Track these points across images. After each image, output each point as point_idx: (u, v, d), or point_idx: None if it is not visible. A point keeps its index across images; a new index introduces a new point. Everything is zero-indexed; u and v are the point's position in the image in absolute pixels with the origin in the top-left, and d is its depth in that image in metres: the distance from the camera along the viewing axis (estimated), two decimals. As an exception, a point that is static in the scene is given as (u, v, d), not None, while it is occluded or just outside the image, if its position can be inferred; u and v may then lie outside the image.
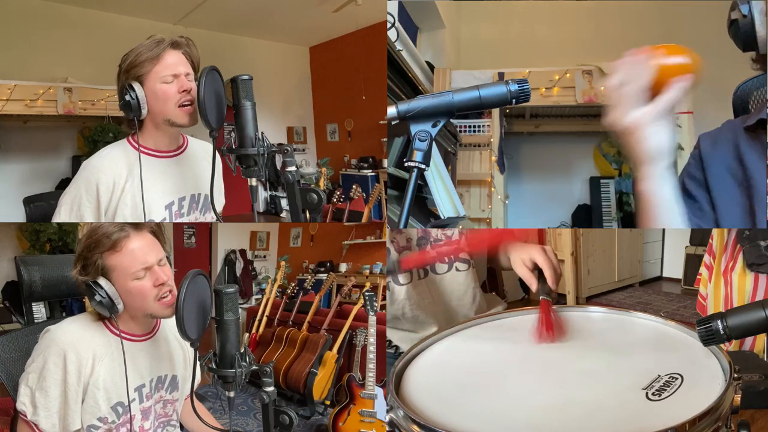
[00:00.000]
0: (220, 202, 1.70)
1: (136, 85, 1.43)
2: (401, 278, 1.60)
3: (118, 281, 1.30)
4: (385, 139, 4.75)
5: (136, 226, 1.34)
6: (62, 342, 1.28)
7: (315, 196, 1.38)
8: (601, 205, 4.29)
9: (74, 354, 1.27)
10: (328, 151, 5.77)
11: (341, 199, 4.09)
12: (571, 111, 4.13)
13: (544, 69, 3.81)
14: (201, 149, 1.64)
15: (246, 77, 1.36)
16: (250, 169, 1.39)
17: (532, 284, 1.43)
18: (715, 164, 1.27)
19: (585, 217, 4.37)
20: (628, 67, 1.07)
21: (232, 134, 1.39)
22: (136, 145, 1.49)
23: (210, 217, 1.61)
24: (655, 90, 1.06)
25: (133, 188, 1.46)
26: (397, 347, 1.65)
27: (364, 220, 3.99)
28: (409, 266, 1.61)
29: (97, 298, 1.29)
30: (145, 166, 1.48)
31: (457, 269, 1.67)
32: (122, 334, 1.34)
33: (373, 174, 4.95)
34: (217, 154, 1.45)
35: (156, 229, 1.37)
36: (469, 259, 1.67)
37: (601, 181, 4.29)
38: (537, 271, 1.44)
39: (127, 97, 1.43)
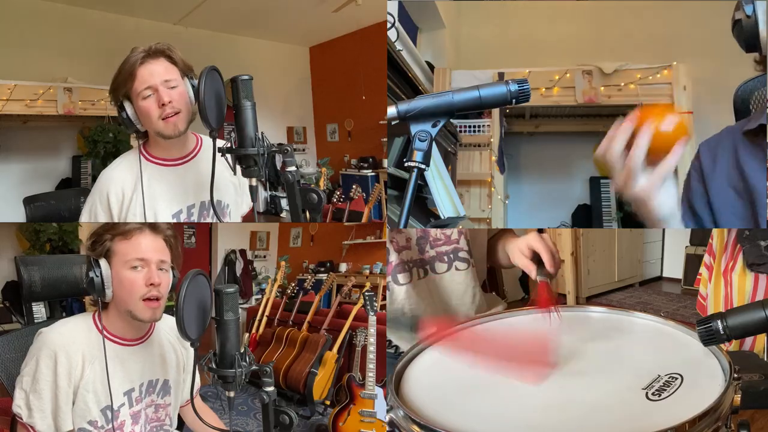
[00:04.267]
0: (246, 206, 1.70)
1: (126, 104, 1.48)
2: (401, 278, 1.60)
3: (115, 267, 1.33)
4: (385, 139, 4.75)
5: (154, 228, 1.38)
6: (53, 344, 1.29)
7: (315, 196, 1.38)
8: (601, 205, 4.28)
9: (65, 356, 1.28)
10: (328, 151, 5.76)
11: (341, 199, 4.09)
12: (571, 111, 4.12)
13: (544, 69, 3.81)
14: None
15: (246, 77, 1.36)
16: (250, 169, 1.39)
17: (531, 272, 1.42)
18: (717, 178, 1.30)
19: (585, 217, 4.36)
20: (626, 134, 1.11)
21: (232, 134, 1.39)
22: (146, 154, 1.55)
23: (225, 220, 1.63)
24: (653, 154, 1.10)
25: (141, 198, 1.51)
26: (397, 347, 1.64)
27: (364, 220, 4.00)
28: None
29: (91, 274, 1.32)
30: (151, 176, 1.52)
31: (457, 268, 1.66)
32: (111, 336, 1.36)
33: (373, 174, 4.95)
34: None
35: (172, 242, 1.41)
36: (468, 258, 1.67)
37: (601, 181, 4.28)
38: (536, 259, 1.43)
39: (123, 115, 1.49)
